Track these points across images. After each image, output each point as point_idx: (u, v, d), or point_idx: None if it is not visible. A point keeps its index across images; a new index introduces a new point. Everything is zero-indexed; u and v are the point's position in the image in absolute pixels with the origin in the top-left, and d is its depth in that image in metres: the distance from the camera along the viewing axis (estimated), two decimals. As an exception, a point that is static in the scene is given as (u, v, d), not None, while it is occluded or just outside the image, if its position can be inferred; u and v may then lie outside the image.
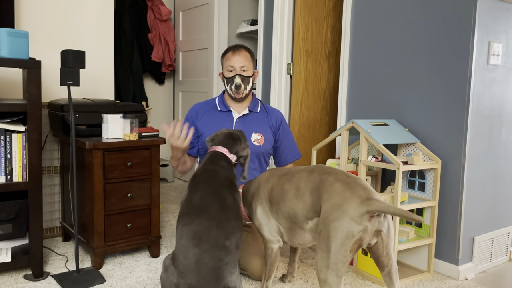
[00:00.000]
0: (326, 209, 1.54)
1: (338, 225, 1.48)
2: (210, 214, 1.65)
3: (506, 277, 2.33)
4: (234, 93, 2.26)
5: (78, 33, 2.77)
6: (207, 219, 1.63)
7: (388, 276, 1.62)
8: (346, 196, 1.51)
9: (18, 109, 2.00)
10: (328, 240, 1.50)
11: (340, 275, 1.49)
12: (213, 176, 1.77)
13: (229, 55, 2.27)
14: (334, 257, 1.48)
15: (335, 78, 3.49)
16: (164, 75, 4.58)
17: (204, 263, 1.57)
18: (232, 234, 1.64)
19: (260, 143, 2.29)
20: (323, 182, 1.62)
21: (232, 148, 1.91)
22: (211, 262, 1.57)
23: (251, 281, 2.14)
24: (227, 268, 1.59)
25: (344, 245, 1.47)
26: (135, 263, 2.33)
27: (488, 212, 2.42)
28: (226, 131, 1.97)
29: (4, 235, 2.14)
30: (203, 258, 1.57)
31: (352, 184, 1.55)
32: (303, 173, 1.73)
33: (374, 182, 2.54)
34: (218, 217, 1.65)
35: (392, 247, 1.59)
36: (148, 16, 4.29)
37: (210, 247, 1.59)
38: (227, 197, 1.73)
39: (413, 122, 2.44)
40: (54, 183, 2.68)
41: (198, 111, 2.35)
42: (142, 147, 2.31)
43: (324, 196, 1.58)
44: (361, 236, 1.48)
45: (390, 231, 1.57)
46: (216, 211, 1.66)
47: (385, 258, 1.59)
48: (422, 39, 2.39)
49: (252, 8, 4.33)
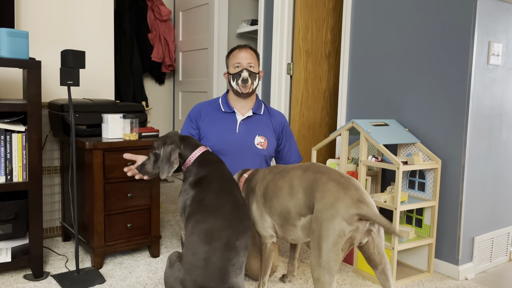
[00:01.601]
0: (318, 208, 1.56)
1: (330, 224, 1.50)
2: (224, 214, 1.66)
3: (506, 277, 2.33)
4: (241, 87, 2.23)
5: (78, 33, 2.77)
6: (221, 218, 1.64)
7: (383, 273, 1.64)
8: (339, 196, 1.53)
9: (18, 109, 2.00)
10: (320, 239, 1.52)
11: (333, 274, 1.51)
12: (221, 174, 1.78)
13: (236, 53, 2.26)
14: (326, 256, 1.50)
15: (335, 78, 3.49)
16: (164, 75, 4.58)
17: (212, 261, 1.57)
18: (243, 235, 1.65)
19: (263, 146, 2.28)
20: (316, 181, 1.63)
21: (199, 143, 1.90)
22: (219, 261, 1.58)
23: (251, 281, 2.14)
24: (233, 269, 1.60)
25: (336, 244, 1.49)
26: (135, 263, 2.33)
27: (488, 212, 2.42)
28: (177, 138, 1.88)
29: (4, 235, 2.14)
30: (212, 256, 1.58)
31: (345, 184, 1.57)
32: (297, 171, 1.75)
33: (374, 182, 2.54)
34: (231, 217, 1.66)
35: (383, 246, 1.61)
36: (148, 16, 4.29)
37: (220, 246, 1.59)
38: (238, 194, 1.75)
39: (413, 122, 2.44)
40: (54, 183, 2.68)
41: (201, 111, 2.32)
42: (142, 147, 2.31)
43: (317, 195, 1.59)
44: (352, 235, 1.50)
45: (380, 231, 1.59)
46: (230, 211, 1.67)
47: (377, 257, 1.61)
48: (422, 39, 2.38)
49: (252, 8, 4.33)
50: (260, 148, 2.27)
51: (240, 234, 1.64)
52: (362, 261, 2.24)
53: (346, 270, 2.32)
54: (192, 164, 1.82)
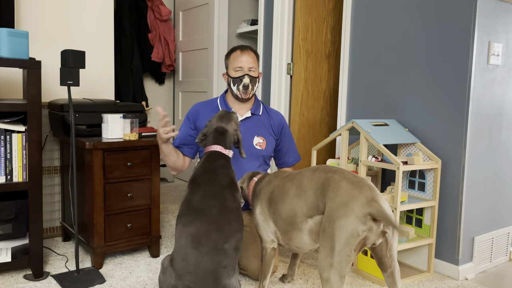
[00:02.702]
0: (331, 206, 1.53)
1: (344, 223, 1.47)
2: (210, 217, 1.64)
3: (506, 277, 2.33)
4: (241, 93, 2.23)
5: (78, 33, 2.77)
6: (206, 222, 1.63)
7: (391, 277, 1.62)
8: (354, 194, 1.50)
9: (18, 109, 2.00)
10: (333, 238, 1.48)
11: (344, 275, 1.48)
12: (213, 176, 1.76)
13: (237, 55, 2.24)
14: (338, 256, 1.47)
15: (335, 78, 3.49)
16: (164, 75, 4.58)
17: (203, 265, 1.56)
18: (231, 237, 1.64)
19: (262, 146, 2.28)
20: (328, 180, 1.60)
21: (225, 143, 1.88)
22: (209, 264, 1.57)
23: (251, 281, 2.14)
24: (225, 271, 1.59)
25: (348, 244, 1.46)
26: (135, 263, 2.33)
27: (488, 212, 2.42)
28: (213, 127, 1.91)
29: (4, 235, 2.14)
30: (202, 261, 1.57)
31: (359, 183, 1.54)
32: (306, 173, 1.72)
33: (374, 182, 2.54)
34: (218, 220, 1.64)
35: (395, 249, 1.58)
36: (148, 16, 4.29)
37: (209, 250, 1.58)
38: (228, 198, 1.72)
39: (413, 122, 2.44)
40: (54, 183, 2.68)
41: (199, 111, 2.32)
42: (142, 147, 2.31)
43: (330, 194, 1.56)
44: (366, 236, 1.47)
45: (395, 234, 1.56)
46: (216, 214, 1.65)
47: (389, 260, 1.58)
48: (422, 39, 2.38)
49: (252, 8, 4.33)
50: (259, 148, 2.27)
51: (228, 237, 1.63)
52: (362, 261, 2.24)
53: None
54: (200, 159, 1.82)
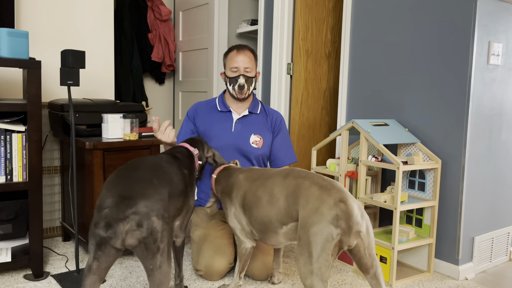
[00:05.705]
0: (304, 214, 1.54)
1: (317, 229, 1.48)
2: (135, 172, 1.50)
3: (506, 277, 2.33)
4: (237, 93, 2.24)
5: (78, 33, 2.77)
6: (128, 177, 1.48)
7: (375, 278, 1.60)
8: (323, 199, 1.51)
9: (18, 109, 2.00)
10: (309, 245, 1.49)
11: (325, 279, 1.48)
12: (159, 157, 1.68)
13: (233, 55, 2.24)
14: (317, 262, 1.47)
15: (335, 78, 3.49)
16: (164, 75, 4.58)
17: (117, 187, 1.43)
18: (149, 188, 1.46)
19: (258, 145, 2.28)
20: (299, 186, 1.61)
21: (195, 146, 1.94)
22: (125, 188, 1.43)
23: (251, 281, 2.14)
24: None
25: (325, 249, 1.47)
26: (135, 263, 2.33)
27: (488, 212, 2.42)
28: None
29: (4, 235, 2.14)
30: (116, 185, 1.44)
31: (328, 187, 1.55)
32: (277, 178, 1.72)
33: (374, 182, 2.54)
34: (141, 174, 1.50)
35: (373, 247, 1.57)
36: (148, 16, 4.29)
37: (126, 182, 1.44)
38: (166, 166, 1.62)
39: (413, 122, 2.44)
40: (54, 183, 2.68)
41: (198, 110, 2.34)
42: (142, 147, 2.31)
43: (301, 201, 1.57)
44: (341, 239, 1.48)
45: (369, 231, 1.55)
46: (144, 171, 1.52)
47: (369, 259, 1.57)
48: (422, 39, 2.39)
49: (252, 8, 4.33)
50: (256, 147, 2.27)
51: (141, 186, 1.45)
52: (362, 261, 2.24)
53: (346, 270, 2.32)
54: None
